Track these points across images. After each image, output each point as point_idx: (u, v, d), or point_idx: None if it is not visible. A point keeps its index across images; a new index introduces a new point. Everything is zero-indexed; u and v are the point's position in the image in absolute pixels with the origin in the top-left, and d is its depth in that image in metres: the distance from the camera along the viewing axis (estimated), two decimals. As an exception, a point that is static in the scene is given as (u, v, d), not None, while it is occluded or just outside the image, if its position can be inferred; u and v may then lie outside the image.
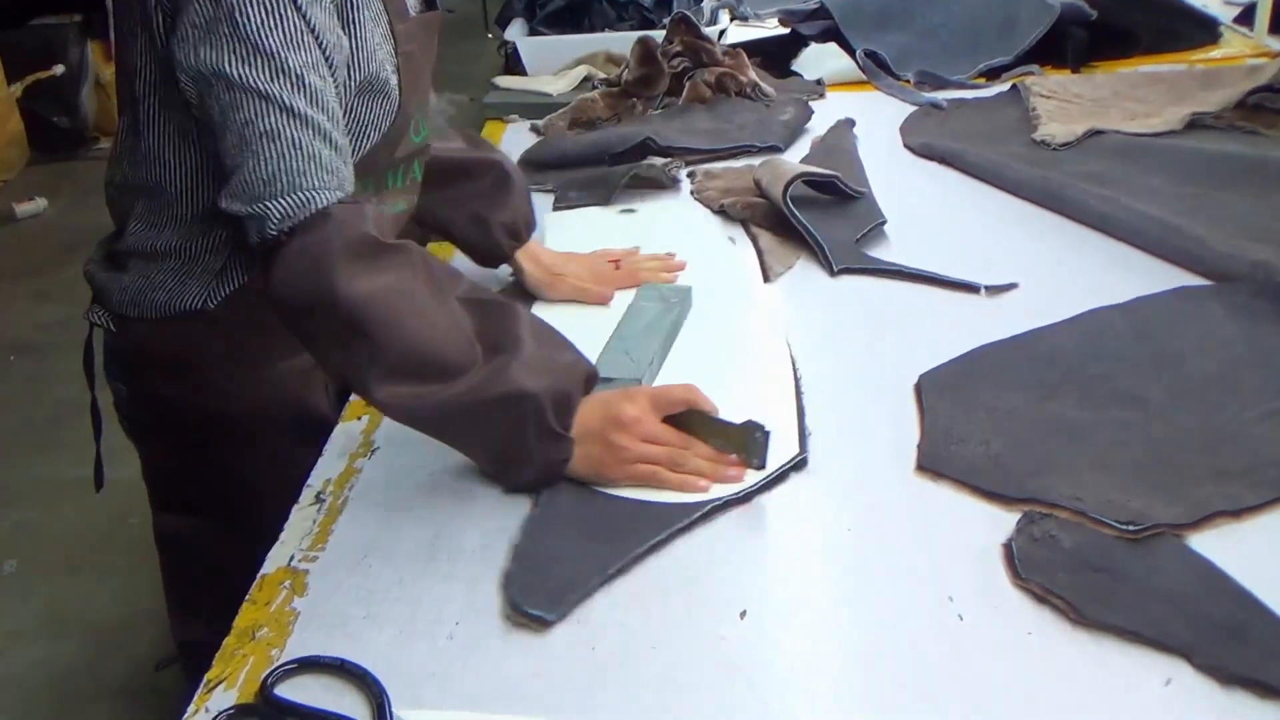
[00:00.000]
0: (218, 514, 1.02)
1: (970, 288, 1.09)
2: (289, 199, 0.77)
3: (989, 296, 1.08)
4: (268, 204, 0.77)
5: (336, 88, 0.83)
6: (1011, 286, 1.09)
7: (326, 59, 0.81)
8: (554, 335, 0.85)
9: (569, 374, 0.82)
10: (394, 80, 0.91)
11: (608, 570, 0.75)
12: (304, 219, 0.77)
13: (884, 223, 1.24)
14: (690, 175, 1.42)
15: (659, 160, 1.52)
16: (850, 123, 1.58)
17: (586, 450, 0.81)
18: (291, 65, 0.77)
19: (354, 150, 0.90)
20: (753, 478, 0.82)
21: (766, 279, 1.16)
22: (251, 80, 0.77)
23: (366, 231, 0.78)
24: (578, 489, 0.83)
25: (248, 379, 0.97)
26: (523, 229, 1.16)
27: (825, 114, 1.64)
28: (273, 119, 0.77)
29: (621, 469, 0.81)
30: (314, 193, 0.77)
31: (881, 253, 1.19)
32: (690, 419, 0.83)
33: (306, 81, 0.78)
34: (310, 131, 0.78)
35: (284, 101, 0.77)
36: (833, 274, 1.15)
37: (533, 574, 0.76)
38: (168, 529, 1.06)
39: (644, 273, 1.16)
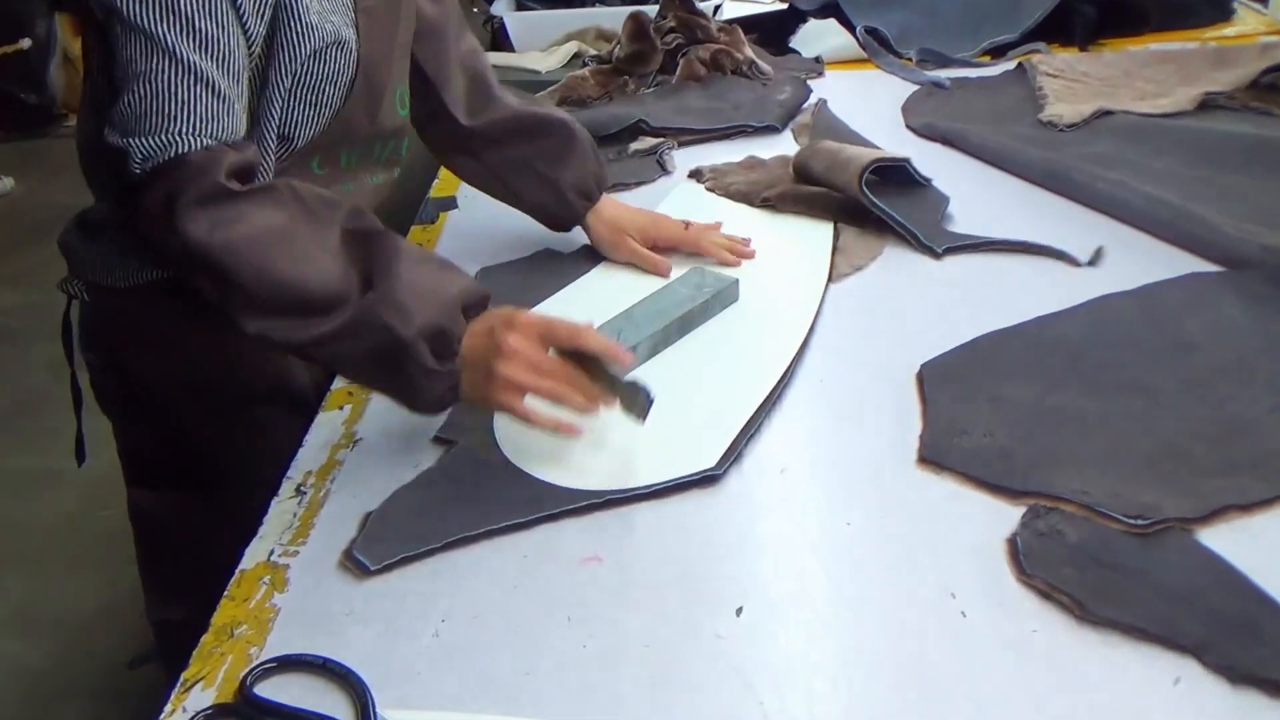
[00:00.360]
0: (193, 488, 1.03)
1: (1071, 260, 1.11)
2: (152, 140, 0.78)
3: (1085, 266, 1.09)
4: (132, 140, 0.79)
5: (258, 35, 0.84)
6: (1101, 253, 1.11)
7: (236, 6, 0.82)
8: (437, 262, 0.85)
9: (448, 305, 0.81)
10: (352, 36, 0.91)
11: (453, 536, 0.78)
12: (163, 161, 0.78)
13: (949, 202, 1.24)
14: (698, 173, 1.41)
15: (650, 141, 1.52)
16: (824, 103, 1.58)
17: (472, 377, 0.82)
18: (183, 8, 0.79)
19: (316, 111, 0.91)
20: (655, 475, 0.83)
21: (832, 279, 1.12)
22: (140, 19, 0.79)
23: (218, 181, 0.78)
24: (486, 453, 0.87)
25: (220, 347, 0.97)
26: (593, 186, 1.17)
27: (824, 93, 1.64)
28: (155, 60, 0.79)
29: (502, 396, 0.82)
30: (177, 137, 0.79)
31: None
32: (584, 361, 0.83)
33: (198, 26, 0.80)
34: (191, 78, 0.79)
35: (168, 44, 0.79)
36: (937, 255, 1.15)
37: (385, 522, 0.81)
38: (143, 504, 1.07)
39: (707, 245, 1.16)
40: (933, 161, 1.38)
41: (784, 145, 1.49)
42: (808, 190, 1.28)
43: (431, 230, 1.34)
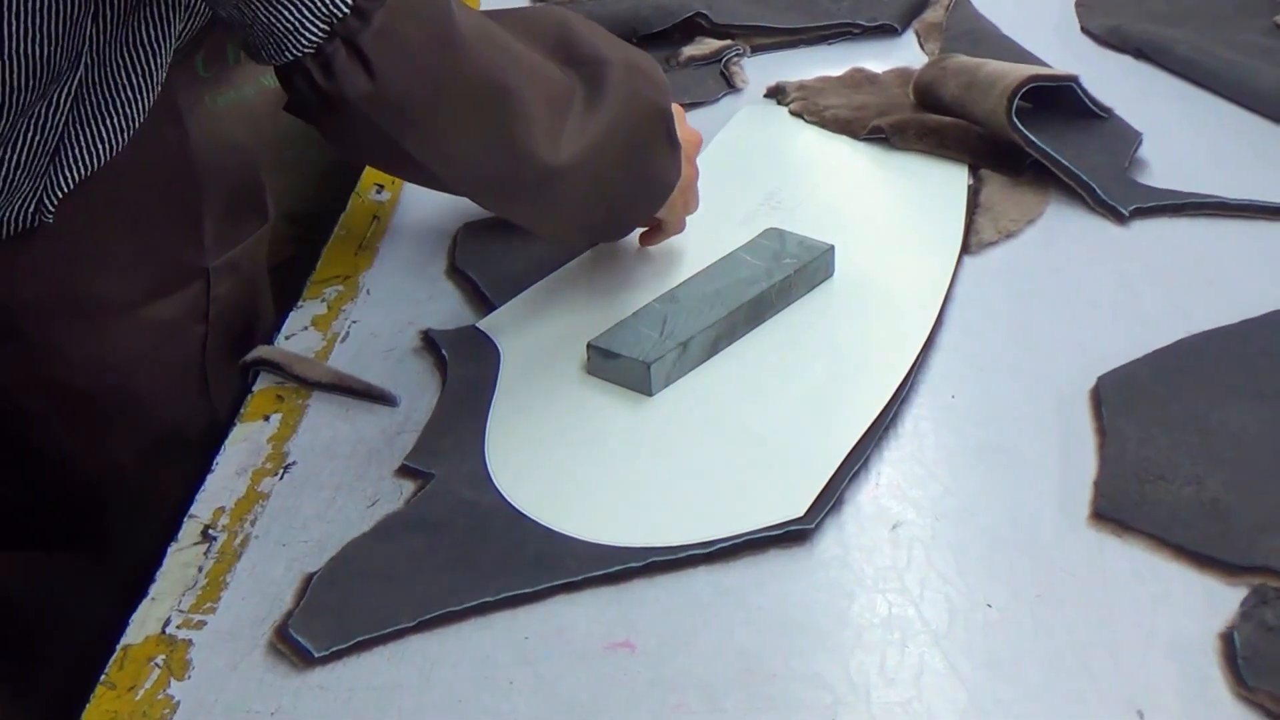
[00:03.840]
0: (52, 540, 1.04)
1: None
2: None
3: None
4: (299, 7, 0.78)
5: None
6: None
7: None
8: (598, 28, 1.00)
9: (661, 75, 1.00)
10: None
11: (431, 613, 0.79)
12: None
13: (1141, 142, 1.24)
14: (779, 91, 1.41)
15: (712, 44, 1.52)
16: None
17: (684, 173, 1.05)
18: None
19: None
20: (716, 528, 0.83)
21: (967, 249, 1.13)
22: None
23: None
24: (474, 491, 0.88)
25: (92, 333, 0.98)
26: None
27: (964, -21, 1.63)
28: None
29: (685, 195, 1.08)
30: None
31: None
32: None
33: None
34: None
35: None
36: (1123, 219, 1.14)
37: (334, 589, 0.81)
38: None
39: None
40: (1119, 83, 1.38)
41: (904, 54, 1.49)
42: (936, 120, 1.27)
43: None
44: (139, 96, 0.92)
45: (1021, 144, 1.18)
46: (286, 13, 0.78)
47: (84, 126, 0.91)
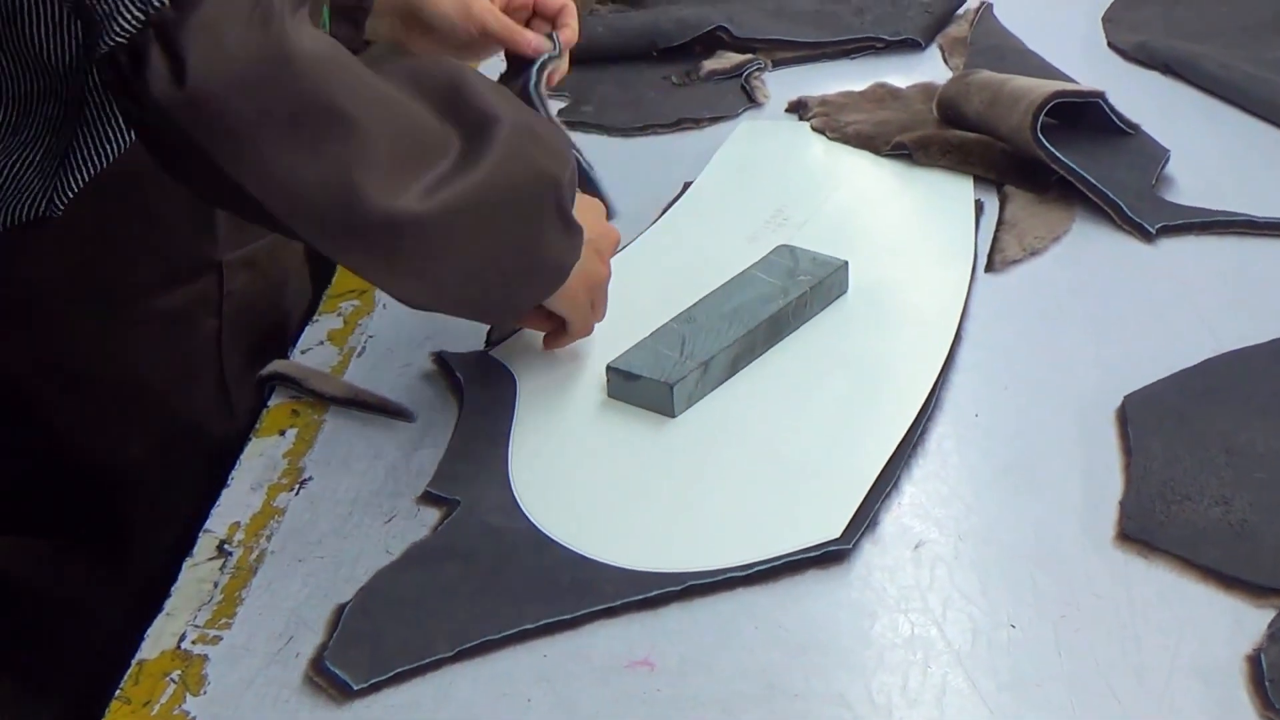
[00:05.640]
0: (72, 529, 1.05)
1: None
2: None
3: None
4: None
5: None
6: None
7: None
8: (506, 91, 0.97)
9: (564, 146, 0.95)
10: None
11: (469, 642, 0.79)
12: None
13: (1168, 159, 1.23)
14: (801, 106, 1.41)
15: (733, 57, 1.53)
16: (989, 9, 1.58)
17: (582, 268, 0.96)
18: None
19: None
20: (749, 550, 0.84)
21: (991, 266, 1.13)
22: None
23: None
24: (502, 518, 0.89)
25: (101, 320, 0.99)
26: None
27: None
28: None
29: (591, 295, 1.00)
30: None
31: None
32: None
33: None
34: None
35: None
36: (1149, 236, 1.14)
37: (368, 620, 0.81)
38: None
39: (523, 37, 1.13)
40: (1146, 99, 1.38)
41: (927, 69, 1.49)
42: (960, 136, 1.28)
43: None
44: None
45: (1047, 160, 1.19)
46: None
47: (92, 126, 0.92)
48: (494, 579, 0.84)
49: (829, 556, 0.84)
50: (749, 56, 1.52)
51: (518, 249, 0.91)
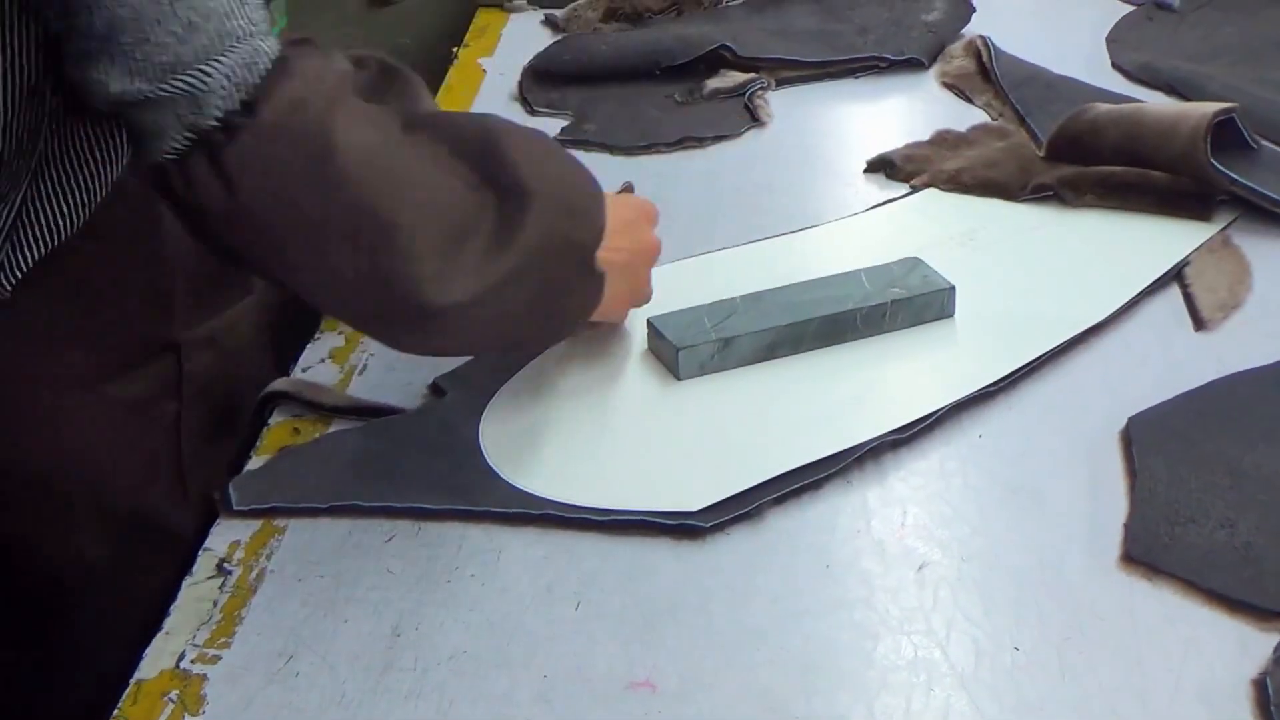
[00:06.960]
0: (15, 638, 1.00)
1: None
2: (231, 55, 0.74)
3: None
4: (202, 69, 0.74)
5: None
6: None
7: None
8: (548, 143, 0.97)
9: (595, 208, 0.93)
10: None
11: (340, 502, 0.90)
12: (262, 78, 0.75)
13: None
14: (887, 164, 1.33)
15: (736, 76, 1.53)
16: (989, 39, 1.56)
17: (613, 290, 0.96)
18: None
19: None
20: (623, 499, 0.90)
21: (1201, 325, 1.08)
22: None
23: (345, 70, 0.82)
24: (457, 417, 0.98)
25: (51, 412, 0.94)
26: None
27: (993, 12, 1.64)
28: None
29: (628, 308, 1.04)
30: (254, 40, 0.75)
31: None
32: None
33: None
34: None
35: None
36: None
37: (296, 461, 0.95)
38: None
39: None
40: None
41: (930, 90, 1.50)
42: (1114, 172, 1.23)
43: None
44: (101, 170, 0.89)
45: (1224, 184, 1.17)
46: (150, 115, 0.75)
47: (43, 204, 0.88)
48: (409, 463, 0.93)
49: (685, 530, 0.87)
50: (752, 76, 1.53)
51: (546, 314, 0.94)
